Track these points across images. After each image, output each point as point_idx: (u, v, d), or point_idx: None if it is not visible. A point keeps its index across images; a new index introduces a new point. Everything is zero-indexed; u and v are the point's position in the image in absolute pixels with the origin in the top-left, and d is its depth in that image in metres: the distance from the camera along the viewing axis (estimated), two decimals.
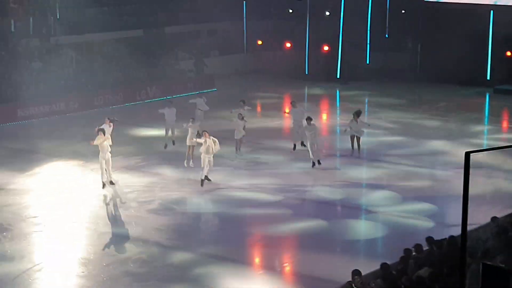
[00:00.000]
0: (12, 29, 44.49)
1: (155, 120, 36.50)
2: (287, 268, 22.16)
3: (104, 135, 27.83)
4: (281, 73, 51.04)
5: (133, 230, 24.07)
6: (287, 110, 36.38)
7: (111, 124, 30.04)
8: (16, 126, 38.20)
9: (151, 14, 50.21)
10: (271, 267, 21.73)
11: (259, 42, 54.18)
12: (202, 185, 27.80)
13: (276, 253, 22.75)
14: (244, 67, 52.83)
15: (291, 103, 34.69)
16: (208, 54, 51.48)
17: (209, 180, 28.01)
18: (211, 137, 27.81)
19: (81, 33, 46.15)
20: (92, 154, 29.90)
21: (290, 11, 53.97)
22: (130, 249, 22.51)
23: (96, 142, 27.68)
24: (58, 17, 46.15)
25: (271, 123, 39.27)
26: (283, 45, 53.37)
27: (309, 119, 31.08)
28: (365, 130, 32.77)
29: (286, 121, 37.03)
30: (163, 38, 49.63)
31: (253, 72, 52.25)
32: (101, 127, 28.58)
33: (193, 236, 24.00)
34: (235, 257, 22.10)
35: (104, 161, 27.69)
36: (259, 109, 43.87)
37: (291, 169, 30.78)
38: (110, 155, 27.89)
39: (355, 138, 32.06)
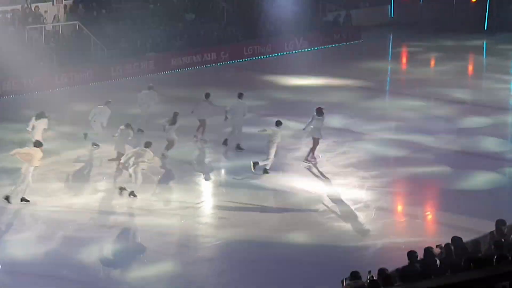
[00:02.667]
0: None
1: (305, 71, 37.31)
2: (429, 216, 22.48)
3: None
4: (426, 25, 50.61)
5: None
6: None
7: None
8: (170, 74, 39.21)
9: None
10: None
11: None
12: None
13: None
14: (390, 19, 52.74)
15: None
16: (357, 5, 51.62)
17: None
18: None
19: None
20: None
21: None
22: None
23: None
24: None
25: None
26: None
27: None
28: None
29: None
30: None
31: (398, 24, 51.94)
32: None
33: None
34: None
35: None
36: (403, 59, 44.25)
37: None
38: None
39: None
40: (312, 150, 25.77)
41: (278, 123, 25.03)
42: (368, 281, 14.19)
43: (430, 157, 26.45)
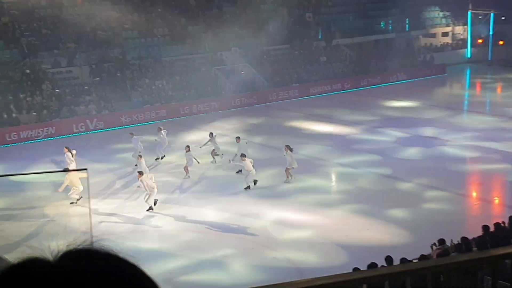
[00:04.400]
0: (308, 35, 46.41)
1: (405, 96, 37.06)
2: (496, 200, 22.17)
3: None
4: (496, 62, 49.19)
5: None
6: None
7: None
8: (309, 99, 39.62)
9: (401, 22, 50.23)
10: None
11: (479, 41, 52.24)
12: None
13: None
14: (467, 58, 51.58)
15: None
16: (442, 49, 50.79)
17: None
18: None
19: (352, 36, 46.96)
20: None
21: None
22: None
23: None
24: (337, 26, 47.61)
25: None
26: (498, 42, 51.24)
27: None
28: None
29: None
30: (409, 40, 49.48)
31: (475, 62, 50.61)
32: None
33: None
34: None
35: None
36: (478, 87, 43.23)
37: None
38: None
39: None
40: None
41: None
42: (452, 246, 14.26)
43: (498, 157, 25.91)
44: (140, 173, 20.38)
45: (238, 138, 25.25)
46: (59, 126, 31.26)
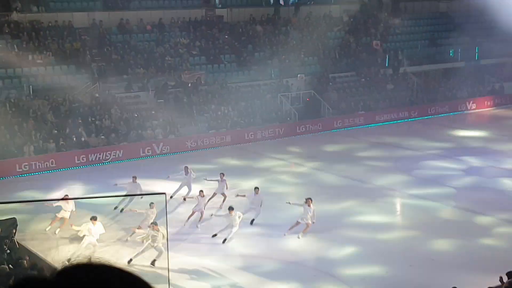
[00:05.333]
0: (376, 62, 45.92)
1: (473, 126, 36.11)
2: None
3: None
4: None
5: None
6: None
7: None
8: (374, 127, 39.09)
9: (470, 49, 49.08)
10: None
11: None
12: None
13: None
14: None
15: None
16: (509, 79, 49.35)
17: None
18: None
19: (420, 64, 46.26)
20: None
21: None
22: None
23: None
24: (404, 54, 47.03)
25: None
26: None
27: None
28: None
29: None
30: (478, 68, 48.29)
31: None
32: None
33: None
34: None
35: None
36: None
37: None
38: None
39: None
40: None
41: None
42: None
43: None
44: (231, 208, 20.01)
45: (256, 188, 22.29)
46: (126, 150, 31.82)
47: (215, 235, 20.37)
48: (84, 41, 38.09)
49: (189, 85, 37.65)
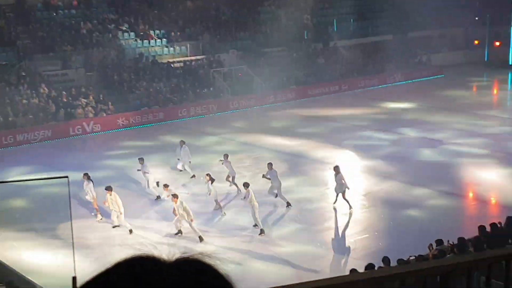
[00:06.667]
0: (305, 37, 46.60)
1: (401, 98, 37.09)
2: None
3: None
4: (490, 63, 49.36)
5: None
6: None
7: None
8: (306, 101, 39.61)
9: (399, 22, 50.05)
10: None
11: (476, 42, 52.37)
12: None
13: None
14: (464, 59, 51.52)
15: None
16: (439, 50, 50.77)
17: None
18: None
19: (349, 38, 47.05)
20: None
21: None
22: None
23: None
24: (335, 29, 47.68)
25: None
26: (494, 44, 51.40)
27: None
28: None
29: None
30: (405, 41, 49.38)
31: (471, 63, 50.66)
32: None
33: None
34: None
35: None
36: (474, 88, 43.38)
37: None
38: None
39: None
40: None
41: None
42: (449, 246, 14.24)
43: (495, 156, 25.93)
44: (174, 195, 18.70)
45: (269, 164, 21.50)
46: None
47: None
48: (8, 18, 36.96)
49: (118, 61, 37.16)
